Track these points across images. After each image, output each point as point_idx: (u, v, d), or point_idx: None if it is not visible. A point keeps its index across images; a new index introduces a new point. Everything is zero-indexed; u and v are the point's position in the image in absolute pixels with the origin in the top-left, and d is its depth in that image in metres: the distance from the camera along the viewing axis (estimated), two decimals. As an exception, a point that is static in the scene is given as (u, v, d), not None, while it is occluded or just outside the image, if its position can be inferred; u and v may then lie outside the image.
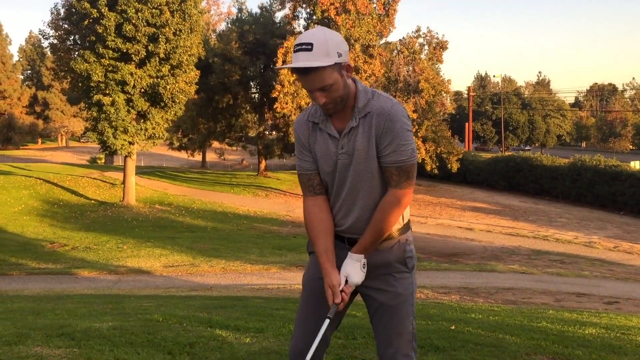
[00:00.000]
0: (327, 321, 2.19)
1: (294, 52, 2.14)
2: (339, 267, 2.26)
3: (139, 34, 22.74)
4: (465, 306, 7.55)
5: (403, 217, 2.35)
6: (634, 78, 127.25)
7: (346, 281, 2.22)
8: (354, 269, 2.22)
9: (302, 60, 2.10)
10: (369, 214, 2.27)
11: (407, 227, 2.38)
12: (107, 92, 23.49)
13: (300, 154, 2.36)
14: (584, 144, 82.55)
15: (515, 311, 7.08)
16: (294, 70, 2.15)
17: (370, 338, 4.00)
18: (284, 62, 27.11)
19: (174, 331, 4.39)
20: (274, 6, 37.16)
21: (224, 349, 3.89)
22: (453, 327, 4.85)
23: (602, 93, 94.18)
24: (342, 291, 2.20)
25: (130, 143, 24.50)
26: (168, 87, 23.93)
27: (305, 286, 2.43)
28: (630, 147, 72.37)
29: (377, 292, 2.32)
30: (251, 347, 3.99)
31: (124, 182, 26.49)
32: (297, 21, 32.96)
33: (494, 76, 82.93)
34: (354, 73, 28.18)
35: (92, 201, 26.79)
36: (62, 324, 4.69)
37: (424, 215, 25.51)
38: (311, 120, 2.33)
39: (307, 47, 2.10)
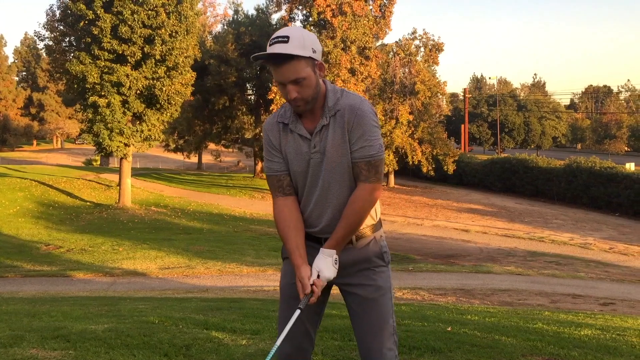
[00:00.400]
0: (297, 311, 2.19)
1: (270, 45, 2.16)
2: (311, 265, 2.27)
3: (135, 36, 22.71)
4: (461, 307, 7.56)
5: (376, 214, 2.39)
6: (629, 80, 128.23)
7: (317, 276, 2.23)
8: (326, 264, 2.23)
9: (278, 50, 2.13)
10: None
11: (379, 224, 2.43)
12: (103, 93, 23.44)
13: (269, 156, 2.37)
14: (579, 146, 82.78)
15: (511, 312, 7.09)
16: (270, 59, 2.17)
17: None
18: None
19: (169, 333, 4.38)
20: (270, 8, 37.19)
21: (220, 351, 3.89)
22: (449, 329, 4.85)
23: (597, 95, 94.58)
24: (313, 284, 2.20)
25: (125, 145, 24.45)
26: (164, 88, 23.90)
27: (283, 291, 2.45)
28: (626, 148, 72.61)
29: (358, 288, 2.35)
30: (247, 349, 3.98)
31: (119, 184, 26.44)
32: (293, 23, 32.95)
33: (489, 78, 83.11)
34: (350, 75, 28.39)
35: (88, 203, 26.72)
36: (57, 326, 4.68)
37: (420, 217, 25.53)
38: (281, 121, 2.34)
39: (283, 39, 2.14)
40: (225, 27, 40.12)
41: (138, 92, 23.95)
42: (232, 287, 11.58)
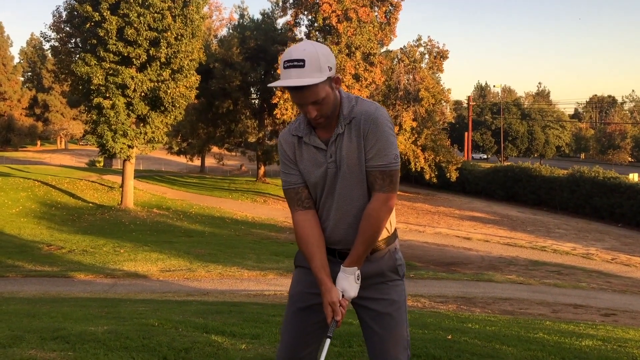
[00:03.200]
0: (328, 341, 2.16)
1: (285, 68, 2.10)
2: (333, 282, 2.22)
3: (141, 38, 22.79)
4: (462, 316, 7.54)
5: (391, 225, 2.33)
6: (633, 90, 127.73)
7: (342, 295, 2.20)
8: (349, 283, 2.20)
9: (295, 77, 2.08)
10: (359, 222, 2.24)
11: (394, 236, 2.37)
12: (108, 95, 23.52)
13: (285, 169, 2.33)
14: (582, 156, 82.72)
15: (512, 322, 7.06)
16: (287, 87, 2.13)
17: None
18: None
19: (169, 336, 4.37)
20: (276, 13, 37.29)
21: (220, 355, 3.88)
22: (450, 337, 4.83)
23: (602, 105, 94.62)
24: (340, 306, 2.17)
25: (129, 147, 24.50)
26: (168, 91, 23.97)
27: (293, 300, 2.39)
28: (629, 159, 72.58)
29: (372, 302, 2.30)
30: (247, 353, 3.97)
31: (122, 186, 26.47)
32: (298, 28, 33.02)
33: (494, 86, 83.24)
34: (354, 80, 28.42)
35: (90, 204, 26.75)
36: (57, 327, 4.67)
37: (422, 224, 25.49)
38: (295, 134, 2.31)
39: (299, 63, 2.08)
40: (230, 31, 40.26)
41: (142, 94, 24.02)
42: (232, 291, 11.57)
